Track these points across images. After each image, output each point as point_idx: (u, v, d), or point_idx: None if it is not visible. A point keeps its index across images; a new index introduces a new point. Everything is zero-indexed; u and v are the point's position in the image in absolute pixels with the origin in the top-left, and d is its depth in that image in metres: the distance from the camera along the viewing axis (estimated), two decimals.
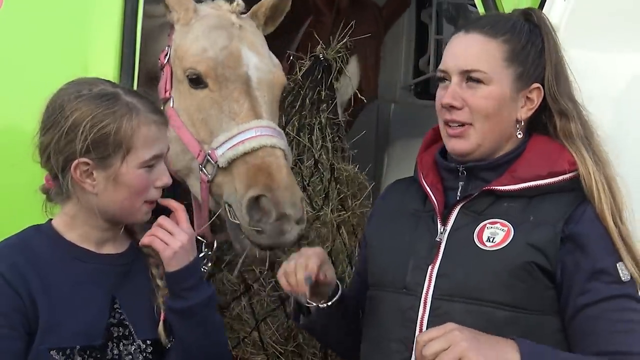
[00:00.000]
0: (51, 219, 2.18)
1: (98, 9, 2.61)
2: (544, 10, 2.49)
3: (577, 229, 2.00)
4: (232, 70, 2.55)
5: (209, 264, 2.60)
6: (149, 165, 2.10)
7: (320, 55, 3.47)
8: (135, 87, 2.53)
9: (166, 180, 2.14)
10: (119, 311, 2.13)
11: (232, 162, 2.43)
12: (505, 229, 2.03)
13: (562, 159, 2.07)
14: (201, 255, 2.53)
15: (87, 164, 2.05)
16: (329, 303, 2.15)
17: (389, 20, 4.06)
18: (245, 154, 2.42)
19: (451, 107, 2.09)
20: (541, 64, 2.11)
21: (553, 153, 2.08)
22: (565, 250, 1.99)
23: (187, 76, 2.56)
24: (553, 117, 2.11)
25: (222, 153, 2.44)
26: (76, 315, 2.07)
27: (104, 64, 2.55)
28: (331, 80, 3.49)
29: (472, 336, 1.84)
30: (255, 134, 2.43)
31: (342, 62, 3.54)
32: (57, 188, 2.12)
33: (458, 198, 2.12)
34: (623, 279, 1.97)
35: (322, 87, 3.46)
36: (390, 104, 4.38)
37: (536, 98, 2.11)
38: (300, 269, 2.05)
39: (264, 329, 3.22)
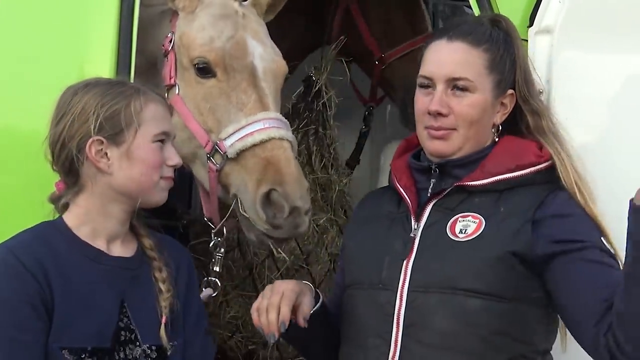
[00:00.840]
0: (61, 216, 2.18)
1: (94, 8, 2.60)
2: (539, 12, 2.51)
3: (550, 210, 2.06)
4: (238, 60, 2.55)
5: (222, 250, 2.62)
6: (160, 140, 2.15)
7: (312, 75, 3.54)
8: None
9: (177, 160, 2.19)
10: (127, 315, 2.14)
11: (240, 153, 2.45)
12: (477, 221, 2.08)
13: (529, 152, 2.15)
14: (212, 244, 2.60)
15: (101, 142, 2.09)
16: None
17: None
18: (254, 145, 2.43)
19: (438, 114, 2.14)
20: (514, 71, 2.19)
21: (520, 147, 2.16)
22: (541, 230, 2.03)
23: (195, 65, 2.56)
24: (525, 117, 2.19)
25: (231, 144, 2.45)
26: (88, 316, 2.07)
27: (100, 64, 2.54)
28: (313, 96, 3.56)
29: None
30: (263, 125, 2.45)
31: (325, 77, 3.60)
32: (70, 182, 2.15)
33: (429, 194, 2.16)
34: (612, 251, 2.02)
35: (306, 104, 3.54)
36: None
37: (509, 103, 2.20)
38: (273, 309, 2.04)
39: None
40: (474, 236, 2.06)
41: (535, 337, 2.08)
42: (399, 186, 2.22)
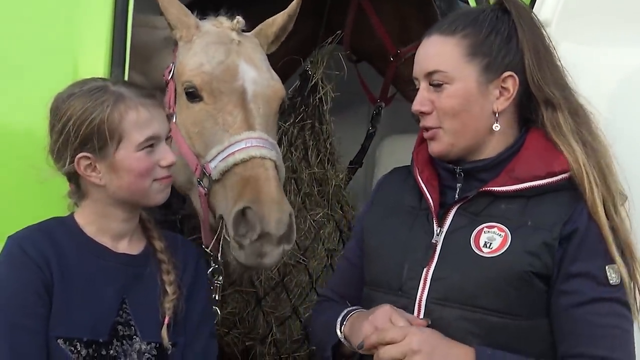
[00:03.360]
0: (72, 213, 2.24)
1: (88, 5, 2.59)
2: (536, 5, 2.50)
3: (574, 227, 1.97)
4: (227, 84, 2.54)
5: (221, 278, 2.57)
6: (147, 146, 2.13)
7: (307, 70, 3.54)
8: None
9: (170, 159, 2.17)
10: (127, 311, 2.16)
11: (223, 174, 2.44)
12: (503, 234, 2.00)
13: (561, 158, 2.03)
14: (210, 270, 2.53)
15: (88, 157, 2.11)
16: None
17: None
18: (235, 165, 2.42)
19: (421, 113, 2.10)
20: (511, 51, 2.06)
21: (551, 151, 2.04)
22: (562, 250, 1.97)
23: (185, 90, 2.58)
24: (540, 107, 2.07)
25: (215, 165, 2.44)
26: (86, 308, 2.11)
27: (95, 61, 2.53)
28: (308, 90, 3.56)
29: (428, 350, 1.87)
30: (245, 145, 2.43)
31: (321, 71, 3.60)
32: (74, 187, 2.19)
33: (456, 199, 2.09)
34: (611, 282, 1.96)
35: (302, 98, 3.54)
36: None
37: (511, 87, 2.06)
38: None
39: None
40: (498, 253, 1.98)
41: (551, 349, 2.02)
42: (420, 181, 2.15)
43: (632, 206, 2.11)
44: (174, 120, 2.60)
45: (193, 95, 2.55)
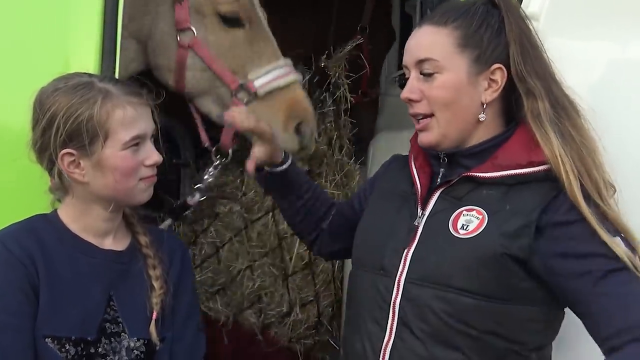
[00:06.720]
0: (56, 209, 2.22)
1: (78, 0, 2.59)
2: None
3: (558, 217, 1.97)
4: (256, 13, 2.88)
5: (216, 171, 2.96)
6: (132, 145, 2.12)
7: (326, 68, 3.57)
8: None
9: (156, 158, 2.18)
10: (114, 308, 2.16)
11: (269, 93, 2.84)
12: (480, 217, 2.03)
13: (541, 149, 2.03)
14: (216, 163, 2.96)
15: (72, 154, 2.09)
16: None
17: None
18: (282, 87, 2.86)
19: (410, 101, 2.12)
20: (501, 44, 2.09)
21: (535, 142, 2.05)
22: (545, 240, 1.97)
23: (223, 15, 2.83)
24: (522, 98, 2.08)
25: (261, 85, 2.82)
26: (73, 306, 2.10)
27: (85, 56, 2.52)
28: (325, 85, 3.58)
29: None
30: (286, 71, 2.88)
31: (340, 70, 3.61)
32: (57, 183, 2.17)
33: (438, 183, 2.13)
34: (617, 254, 1.92)
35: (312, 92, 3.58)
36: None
37: (500, 79, 2.09)
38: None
39: None
40: (473, 234, 2.00)
41: (528, 335, 2.02)
42: (413, 166, 2.21)
43: (624, 197, 2.10)
44: (194, 35, 2.81)
45: (234, 22, 2.84)
